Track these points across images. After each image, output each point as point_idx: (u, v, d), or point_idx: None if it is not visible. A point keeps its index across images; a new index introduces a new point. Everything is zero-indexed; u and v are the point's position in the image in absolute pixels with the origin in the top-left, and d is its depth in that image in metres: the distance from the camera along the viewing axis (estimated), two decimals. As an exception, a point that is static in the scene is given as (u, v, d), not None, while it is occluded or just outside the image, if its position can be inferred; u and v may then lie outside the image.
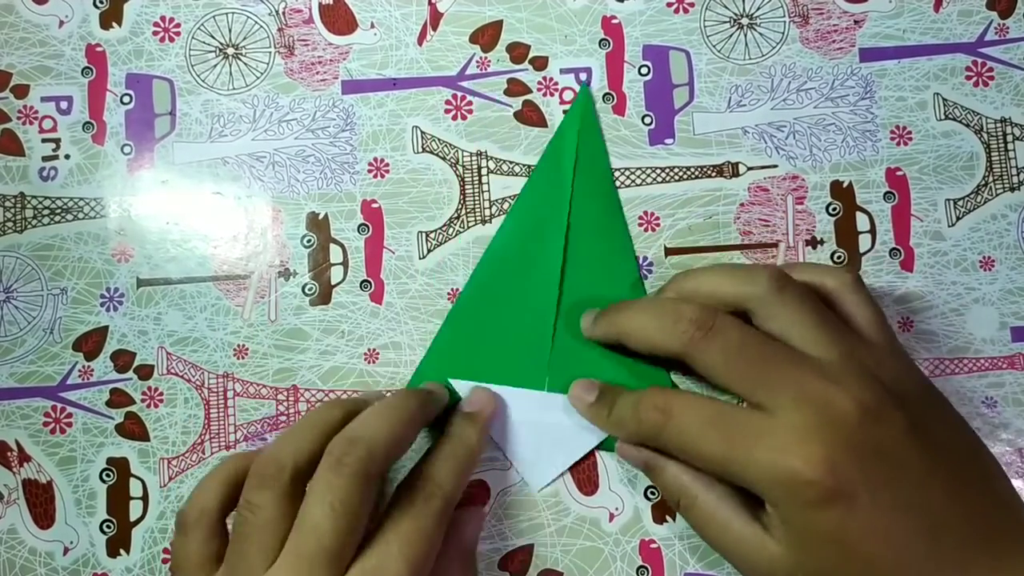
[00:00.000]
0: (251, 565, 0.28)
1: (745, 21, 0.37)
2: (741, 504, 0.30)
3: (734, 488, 0.30)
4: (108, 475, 0.36)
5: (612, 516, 0.35)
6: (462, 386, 0.35)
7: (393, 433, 0.30)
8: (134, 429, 0.36)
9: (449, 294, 0.36)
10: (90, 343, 0.36)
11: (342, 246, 0.37)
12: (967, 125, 0.36)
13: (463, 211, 0.37)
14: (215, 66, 0.37)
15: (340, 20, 0.37)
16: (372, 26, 0.37)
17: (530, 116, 0.37)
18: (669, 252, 0.36)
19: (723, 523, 0.30)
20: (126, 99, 0.37)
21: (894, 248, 0.36)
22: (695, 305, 0.31)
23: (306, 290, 0.36)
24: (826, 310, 0.31)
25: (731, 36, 0.37)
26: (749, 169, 0.36)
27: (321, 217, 0.37)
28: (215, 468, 0.32)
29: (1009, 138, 0.36)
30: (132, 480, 0.36)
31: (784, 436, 0.28)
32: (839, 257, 0.36)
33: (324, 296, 0.36)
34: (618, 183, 0.36)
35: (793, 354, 0.29)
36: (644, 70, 0.37)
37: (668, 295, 0.33)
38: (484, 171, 0.37)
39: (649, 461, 0.32)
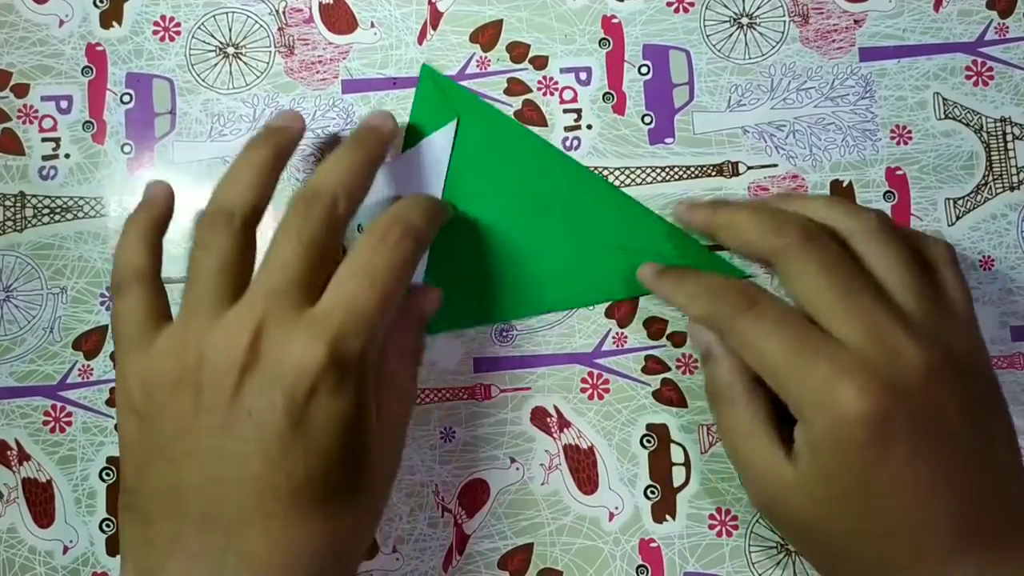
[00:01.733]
0: (212, 304, 0.28)
1: (745, 21, 0.37)
2: (772, 425, 0.30)
3: (771, 407, 0.31)
4: (108, 474, 0.36)
5: (612, 515, 0.35)
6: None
7: (355, 178, 0.31)
8: (134, 428, 0.36)
9: (449, 293, 0.36)
10: (90, 342, 0.36)
11: (342, 245, 0.37)
12: (967, 124, 0.36)
13: (463, 210, 0.37)
14: (215, 65, 0.37)
15: (340, 19, 0.38)
16: (372, 25, 0.37)
17: (530, 115, 0.37)
18: (669, 251, 0.36)
19: (750, 433, 0.30)
20: (126, 98, 0.37)
21: (894, 247, 0.36)
22: (803, 216, 0.31)
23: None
24: (925, 270, 0.31)
25: (731, 36, 0.37)
26: (749, 168, 0.36)
27: (321, 216, 0.37)
28: (126, 230, 0.32)
29: (1009, 137, 0.36)
30: (132, 479, 0.36)
31: (848, 363, 0.28)
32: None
33: (324, 295, 0.36)
34: (618, 182, 0.36)
35: (881, 295, 0.29)
36: (644, 69, 0.37)
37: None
38: (484, 170, 0.37)
39: (712, 347, 0.32)
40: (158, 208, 0.32)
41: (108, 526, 0.36)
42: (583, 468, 0.35)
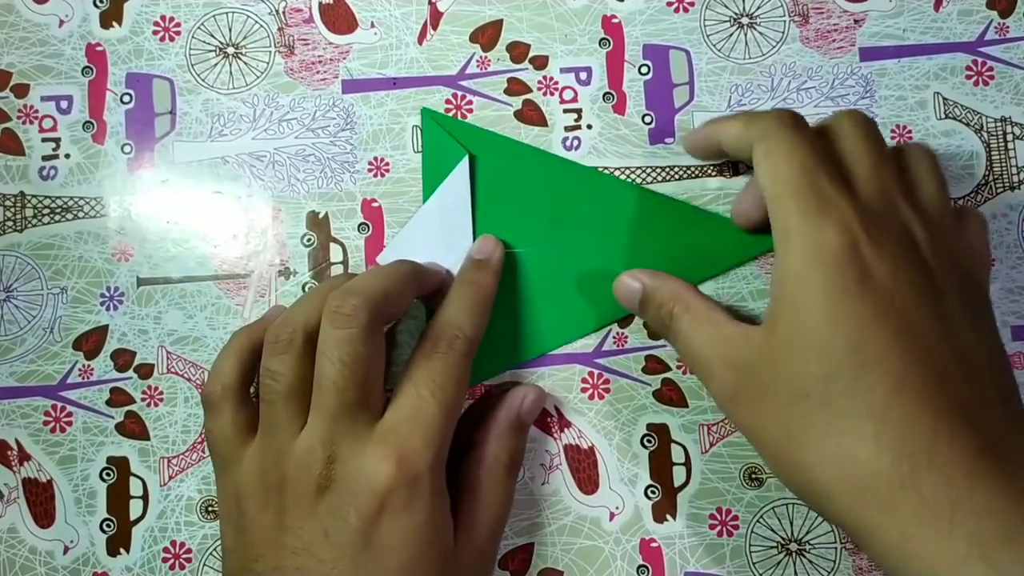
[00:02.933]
0: (285, 429, 0.30)
1: (745, 20, 0.37)
2: (727, 311, 0.31)
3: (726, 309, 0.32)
4: (108, 474, 0.36)
5: (612, 515, 0.35)
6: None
7: (387, 286, 0.31)
8: (134, 428, 0.36)
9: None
10: (90, 342, 0.36)
11: (342, 245, 0.37)
12: (967, 124, 0.36)
13: (463, 210, 0.37)
14: (215, 65, 0.37)
15: (340, 19, 0.38)
16: (372, 25, 0.37)
17: (530, 115, 0.37)
18: (669, 251, 0.36)
19: (714, 323, 0.31)
20: (126, 98, 0.37)
21: (894, 247, 0.36)
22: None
23: (306, 289, 0.36)
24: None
25: (731, 35, 0.37)
26: (749, 168, 0.36)
27: (321, 216, 0.37)
28: (227, 344, 0.33)
29: (1009, 137, 0.36)
30: (132, 479, 0.36)
31: (853, 204, 0.28)
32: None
33: (324, 295, 0.36)
34: (618, 182, 0.36)
35: (909, 179, 0.30)
36: (644, 69, 0.37)
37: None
38: (484, 170, 0.37)
39: (645, 285, 0.33)
40: (261, 332, 0.32)
41: (108, 526, 0.36)
42: (584, 468, 0.35)
